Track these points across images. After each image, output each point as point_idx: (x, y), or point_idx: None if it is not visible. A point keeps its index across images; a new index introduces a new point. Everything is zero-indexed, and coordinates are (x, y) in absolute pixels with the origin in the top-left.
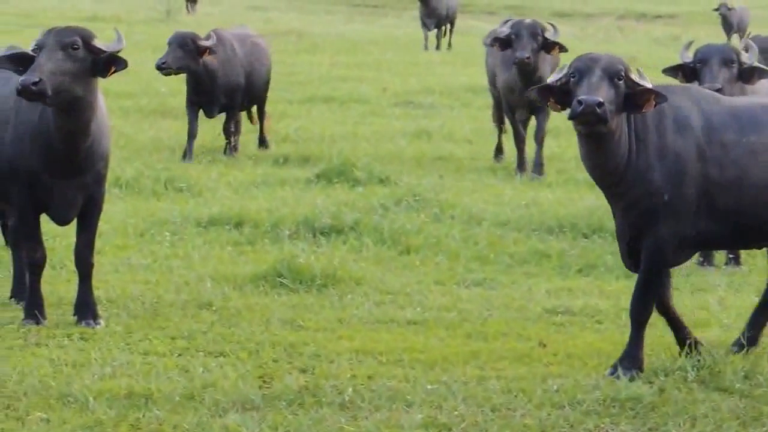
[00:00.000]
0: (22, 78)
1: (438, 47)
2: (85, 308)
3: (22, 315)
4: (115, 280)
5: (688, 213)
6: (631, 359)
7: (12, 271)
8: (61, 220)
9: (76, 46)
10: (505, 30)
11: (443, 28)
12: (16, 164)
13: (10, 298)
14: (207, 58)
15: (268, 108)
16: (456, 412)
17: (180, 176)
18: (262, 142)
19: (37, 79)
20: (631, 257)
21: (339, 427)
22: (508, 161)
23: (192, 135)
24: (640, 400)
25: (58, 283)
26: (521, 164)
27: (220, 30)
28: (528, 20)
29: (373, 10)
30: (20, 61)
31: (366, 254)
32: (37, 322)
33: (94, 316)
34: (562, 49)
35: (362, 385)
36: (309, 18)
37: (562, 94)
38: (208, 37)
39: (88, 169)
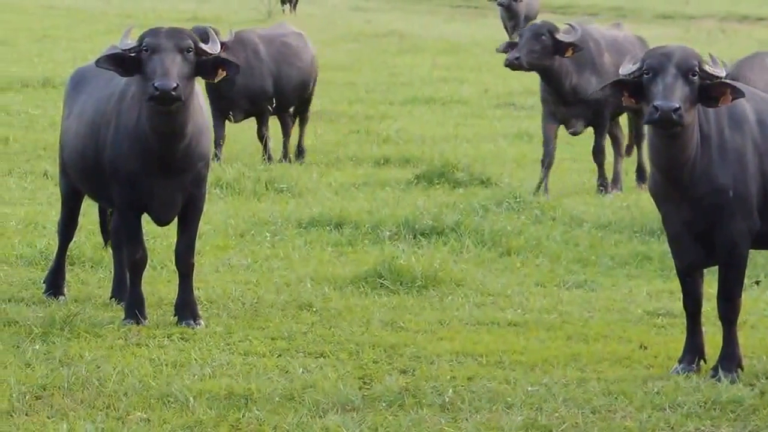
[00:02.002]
0: (159, 82)
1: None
2: (186, 308)
3: (122, 315)
4: (215, 281)
5: (753, 209)
6: (730, 359)
7: (113, 271)
8: (161, 221)
9: (190, 49)
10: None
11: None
12: (117, 165)
13: (111, 298)
14: None
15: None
16: (556, 414)
17: (280, 177)
18: (300, 152)
19: (175, 84)
20: (695, 254)
21: (439, 429)
22: (608, 163)
23: (216, 142)
24: (740, 402)
25: (159, 283)
26: (540, 186)
27: (244, 30)
28: (538, 22)
29: (474, 11)
30: (120, 62)
31: (466, 256)
32: (138, 322)
33: (194, 317)
34: (577, 49)
35: (462, 386)
36: (411, 19)
37: (635, 89)
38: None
39: (186, 170)
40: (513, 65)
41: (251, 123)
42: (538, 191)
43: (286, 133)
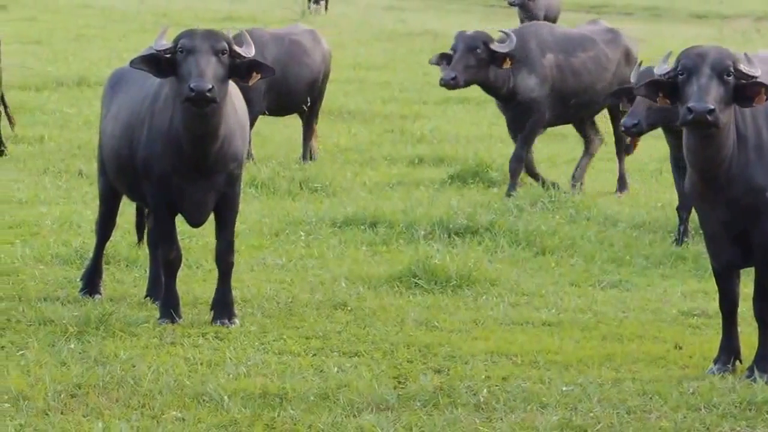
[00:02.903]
0: (194, 84)
1: None
2: (222, 307)
3: (157, 314)
4: (250, 280)
5: None
6: (766, 359)
7: (148, 270)
8: (194, 221)
9: (225, 52)
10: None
11: None
12: (149, 165)
13: (146, 296)
14: None
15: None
16: (591, 414)
17: (315, 176)
18: (306, 154)
19: (210, 86)
20: (732, 255)
21: (474, 428)
22: (641, 162)
23: None
24: None
25: (193, 282)
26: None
27: (255, 29)
28: (470, 32)
29: (509, 10)
30: (155, 63)
31: (501, 255)
32: (173, 322)
33: (230, 316)
34: (513, 59)
35: (497, 386)
36: (445, 18)
37: (670, 89)
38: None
39: (219, 171)
40: (449, 86)
41: (286, 122)
42: (510, 194)
43: (308, 133)
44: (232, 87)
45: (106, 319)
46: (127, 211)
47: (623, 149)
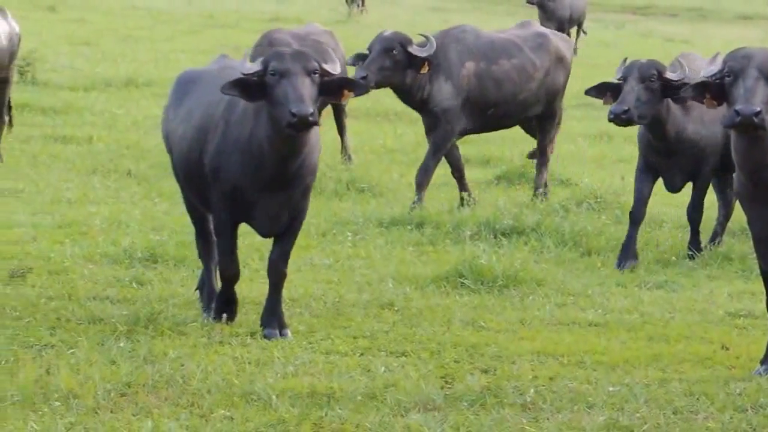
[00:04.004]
0: (296, 109)
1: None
2: (272, 317)
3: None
4: (297, 280)
5: None
6: None
7: (202, 268)
8: (266, 233)
9: (316, 72)
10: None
11: (570, 31)
12: (220, 176)
13: (196, 289)
14: None
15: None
16: (638, 415)
17: (361, 177)
18: (347, 151)
19: (312, 110)
20: None
21: (520, 428)
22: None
23: None
24: None
25: (241, 281)
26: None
27: (277, 30)
28: (387, 33)
29: None
30: (245, 87)
31: (547, 256)
32: (227, 319)
33: (281, 326)
34: (431, 64)
35: (544, 386)
36: (489, 19)
37: (718, 91)
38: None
39: (296, 185)
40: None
41: (332, 123)
42: (413, 207)
43: (341, 129)
44: None
45: (155, 318)
46: (174, 210)
47: (545, 162)
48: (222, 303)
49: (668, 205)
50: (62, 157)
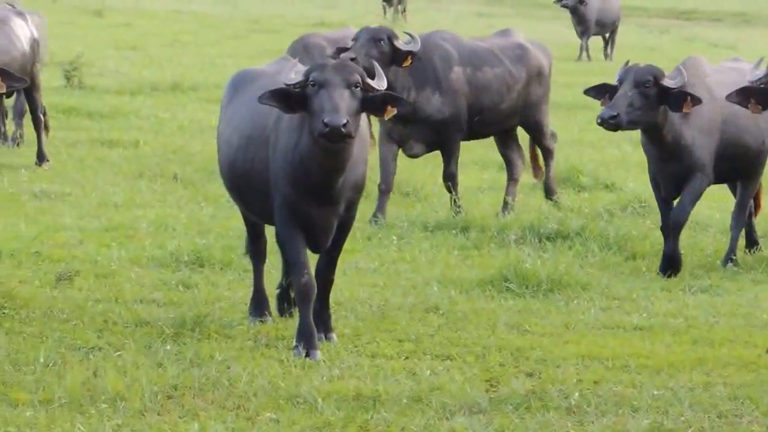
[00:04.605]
0: (328, 119)
1: (588, 57)
2: (319, 322)
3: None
4: (343, 284)
5: None
6: None
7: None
8: (315, 247)
9: (358, 85)
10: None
11: (604, 36)
12: (277, 186)
13: (277, 288)
14: None
15: None
16: (682, 418)
17: (406, 181)
18: None
19: (345, 121)
20: None
21: None
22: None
23: None
24: None
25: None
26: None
27: (312, 34)
28: (375, 26)
29: None
30: (285, 97)
31: (592, 260)
32: (308, 354)
33: (326, 330)
34: (415, 59)
35: (588, 389)
36: (534, 25)
37: (763, 95)
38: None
39: (342, 199)
40: None
41: (377, 127)
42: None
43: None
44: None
45: (202, 321)
46: (219, 213)
47: (516, 173)
48: (302, 328)
49: (713, 209)
50: (109, 161)
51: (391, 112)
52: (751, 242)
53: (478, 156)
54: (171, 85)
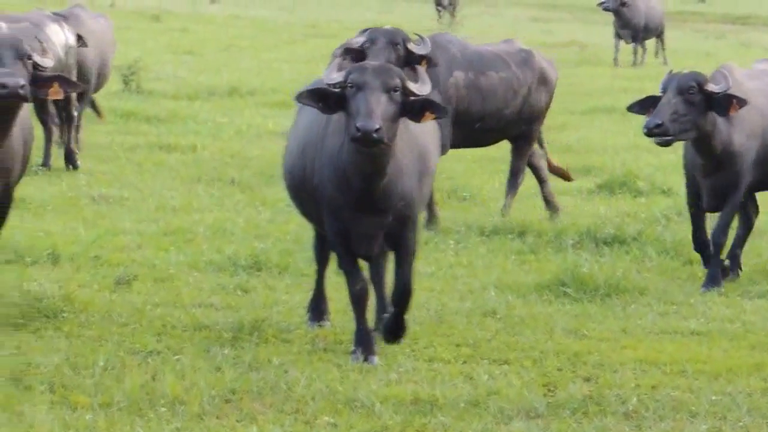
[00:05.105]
0: (361, 123)
1: (634, 63)
2: (390, 332)
3: (307, 319)
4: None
5: None
6: None
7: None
8: (362, 255)
9: (397, 89)
10: (360, 39)
11: (652, 40)
12: (323, 192)
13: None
14: None
15: None
16: (740, 424)
17: (463, 186)
18: None
19: (377, 126)
20: None
21: None
22: None
23: None
24: None
25: (345, 289)
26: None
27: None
28: (387, 27)
29: None
30: (323, 97)
31: (649, 265)
32: (366, 358)
33: (399, 335)
34: (431, 63)
35: (646, 394)
36: (591, 29)
37: None
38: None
39: (385, 209)
40: None
41: None
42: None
43: None
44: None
45: (260, 325)
46: (277, 218)
47: (515, 183)
48: (359, 335)
49: None
50: (167, 165)
51: (429, 118)
52: None
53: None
54: (228, 89)
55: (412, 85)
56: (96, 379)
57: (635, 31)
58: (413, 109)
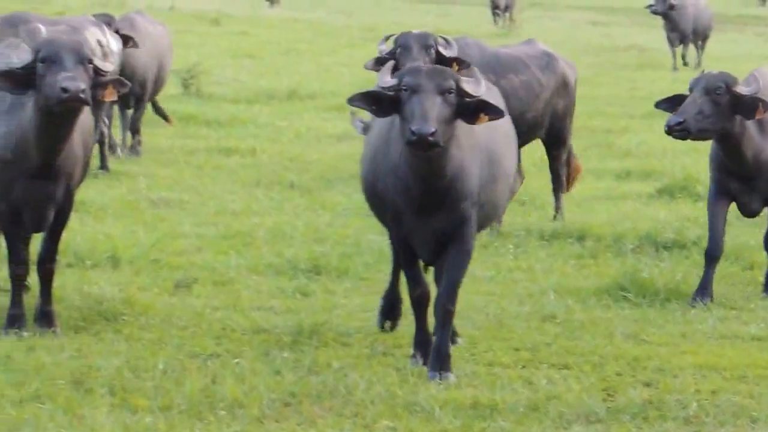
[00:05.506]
0: (416, 127)
1: (684, 64)
2: (437, 357)
3: (373, 322)
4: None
5: None
6: None
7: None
8: (426, 259)
9: (451, 91)
10: (383, 47)
11: (696, 44)
12: (385, 197)
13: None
14: None
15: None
16: None
17: (523, 190)
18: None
19: (433, 130)
20: None
21: None
22: None
23: None
24: None
25: (404, 293)
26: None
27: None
28: (416, 31)
29: (720, 26)
30: (376, 100)
31: None
32: (424, 362)
33: (443, 369)
34: (462, 65)
35: (706, 400)
36: (650, 33)
37: None
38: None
39: (447, 210)
40: None
41: None
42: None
43: None
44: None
45: (319, 328)
46: (336, 221)
47: (560, 186)
48: (417, 338)
49: None
50: (226, 168)
51: (483, 120)
52: None
53: (593, 165)
54: (287, 93)
55: (466, 86)
56: (156, 382)
57: (683, 34)
58: (468, 110)
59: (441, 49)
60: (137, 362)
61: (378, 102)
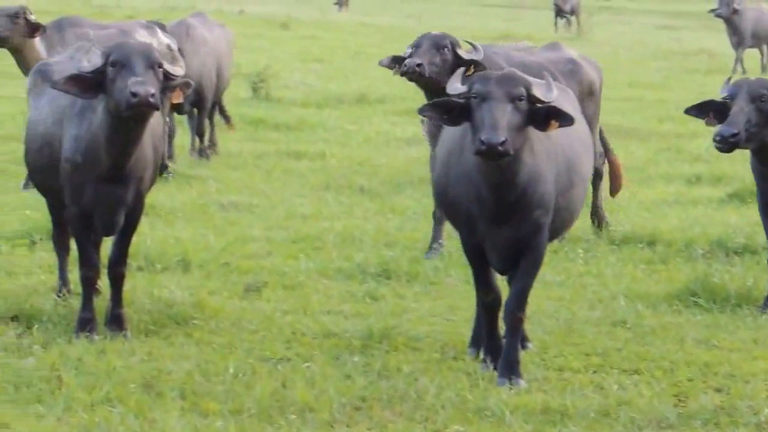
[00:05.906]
0: (486, 136)
1: (743, 70)
2: (506, 366)
3: (440, 329)
4: (530, 297)
5: None
6: None
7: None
8: (499, 268)
9: (522, 98)
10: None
11: (761, 48)
12: (456, 205)
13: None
14: None
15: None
16: None
17: (591, 194)
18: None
19: (503, 139)
20: None
21: None
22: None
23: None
24: None
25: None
26: None
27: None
28: (435, 32)
29: None
30: (447, 109)
31: None
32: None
33: (513, 374)
34: (478, 68)
35: None
36: (720, 38)
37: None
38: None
39: (521, 218)
40: (414, 72)
41: None
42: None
43: None
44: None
45: (389, 333)
46: (406, 225)
47: (597, 184)
48: (488, 345)
49: None
50: (296, 172)
51: (554, 126)
52: None
53: (664, 170)
54: (357, 97)
55: (538, 92)
56: (226, 386)
57: (742, 38)
58: (539, 116)
59: (460, 52)
60: (207, 366)
61: (449, 111)
